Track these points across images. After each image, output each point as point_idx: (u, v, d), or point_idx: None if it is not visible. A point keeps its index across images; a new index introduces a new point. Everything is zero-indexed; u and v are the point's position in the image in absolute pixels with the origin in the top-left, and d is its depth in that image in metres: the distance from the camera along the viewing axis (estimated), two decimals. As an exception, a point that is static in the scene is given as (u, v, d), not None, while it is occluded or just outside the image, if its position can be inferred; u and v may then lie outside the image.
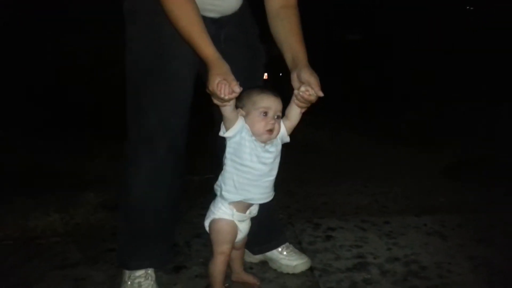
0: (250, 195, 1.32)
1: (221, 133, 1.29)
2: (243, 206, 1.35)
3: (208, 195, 1.41)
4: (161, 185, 1.43)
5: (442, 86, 5.68)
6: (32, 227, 2.06)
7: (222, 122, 1.28)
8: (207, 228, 1.39)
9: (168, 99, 1.37)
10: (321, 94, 1.27)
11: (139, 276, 1.46)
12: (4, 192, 2.48)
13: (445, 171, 2.98)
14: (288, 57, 1.36)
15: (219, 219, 1.34)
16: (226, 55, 1.30)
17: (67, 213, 2.22)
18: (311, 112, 1.38)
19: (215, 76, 1.17)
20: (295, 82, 1.33)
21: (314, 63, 1.32)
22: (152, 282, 1.46)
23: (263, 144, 1.29)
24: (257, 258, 1.66)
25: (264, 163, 1.30)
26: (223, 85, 1.15)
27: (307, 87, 1.26)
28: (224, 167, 1.33)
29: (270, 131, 1.27)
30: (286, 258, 1.61)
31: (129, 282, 1.46)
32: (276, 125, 1.29)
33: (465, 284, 1.49)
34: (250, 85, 1.38)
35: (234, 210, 1.33)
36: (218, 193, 1.35)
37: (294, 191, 2.61)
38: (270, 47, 1.50)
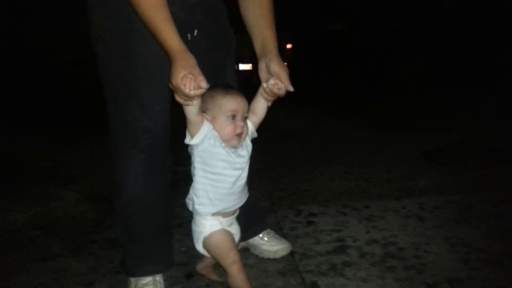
0: (226, 204, 1.26)
1: (186, 141, 1.22)
2: (225, 212, 1.29)
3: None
4: (154, 182, 1.33)
5: (424, 72, 5.73)
6: (12, 221, 2.04)
7: (187, 128, 1.21)
8: (202, 251, 1.31)
9: (148, 84, 1.26)
10: (291, 89, 1.21)
11: (147, 284, 1.35)
12: (-17, 187, 2.45)
13: (427, 155, 3.03)
14: (257, 43, 1.30)
15: (211, 234, 1.26)
16: (197, 42, 1.26)
17: (48, 206, 2.21)
18: (297, 100, 1.34)
19: (180, 69, 1.07)
20: (263, 73, 1.27)
21: (299, 53, 1.27)
22: None
23: (233, 149, 1.23)
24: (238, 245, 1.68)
25: (237, 169, 1.24)
26: (189, 80, 1.06)
27: (276, 81, 1.21)
28: (194, 178, 1.26)
29: (240, 134, 1.21)
30: (267, 243, 1.61)
31: None
32: (245, 128, 1.23)
33: (441, 263, 1.52)
34: (222, 74, 1.33)
35: (221, 218, 1.27)
36: (190, 207, 1.29)
37: (278, 178, 2.63)
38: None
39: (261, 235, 1.64)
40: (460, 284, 1.38)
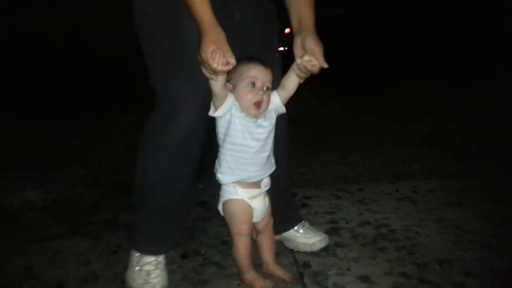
0: (247, 174, 1.24)
1: (210, 113, 1.20)
2: (249, 183, 1.27)
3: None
4: (189, 158, 1.30)
5: (423, 59, 5.70)
6: (8, 203, 2.06)
7: (212, 101, 1.19)
8: (222, 213, 1.32)
9: (194, 60, 1.19)
10: (325, 65, 1.18)
11: (149, 263, 1.34)
12: (-20, 170, 2.46)
13: (422, 141, 3.04)
14: (294, 20, 1.27)
15: (228, 200, 1.27)
16: (242, 21, 1.24)
17: (44, 189, 2.22)
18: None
19: (210, 44, 1.07)
20: (297, 49, 1.23)
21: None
22: (162, 272, 1.34)
23: (254, 119, 1.21)
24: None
25: (257, 139, 1.22)
26: (218, 55, 1.06)
27: (311, 57, 1.17)
28: (219, 148, 1.26)
29: (258, 103, 1.18)
30: (303, 236, 1.54)
31: (136, 268, 1.34)
32: (265, 97, 1.19)
33: (431, 245, 1.54)
34: (266, 56, 1.28)
35: (237, 188, 1.26)
36: (216, 176, 1.28)
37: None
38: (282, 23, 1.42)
39: (296, 227, 1.56)
40: (450, 265, 1.41)
